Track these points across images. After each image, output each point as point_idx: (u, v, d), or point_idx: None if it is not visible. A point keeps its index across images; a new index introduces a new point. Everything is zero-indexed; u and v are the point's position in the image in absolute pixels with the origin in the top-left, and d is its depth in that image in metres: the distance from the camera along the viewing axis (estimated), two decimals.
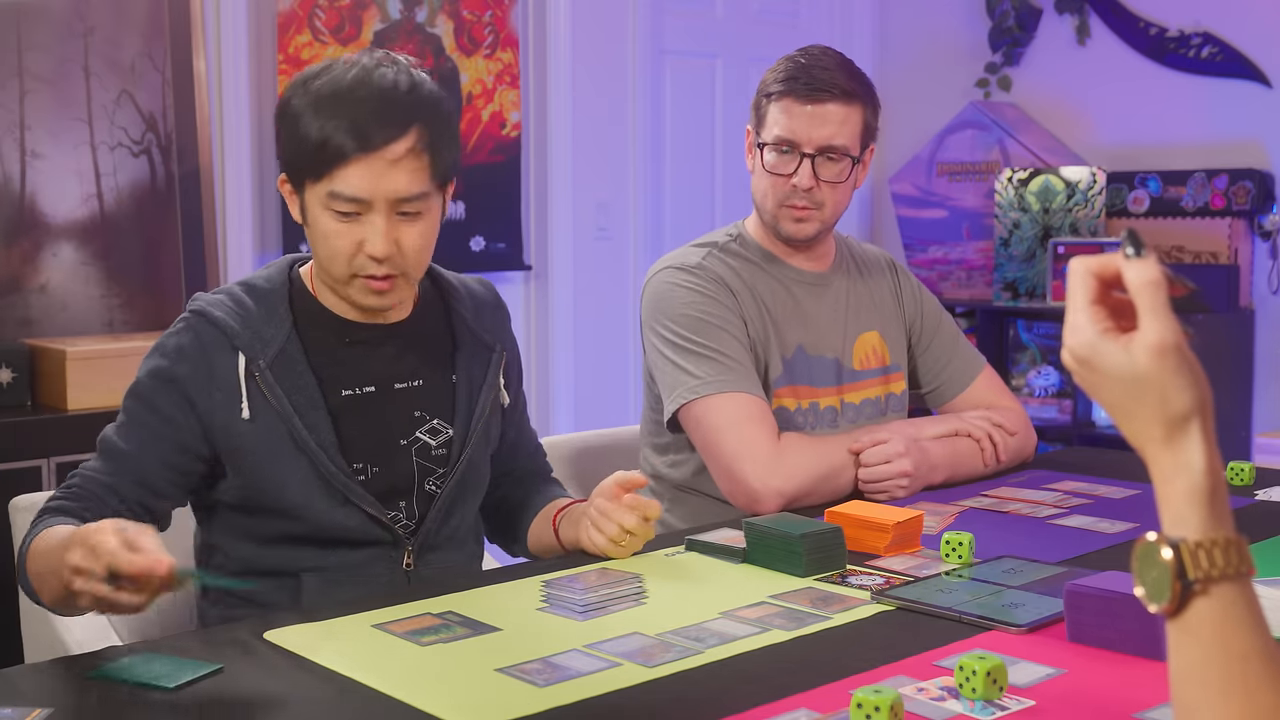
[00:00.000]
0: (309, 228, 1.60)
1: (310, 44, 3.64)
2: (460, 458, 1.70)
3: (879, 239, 5.04)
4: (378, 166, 1.53)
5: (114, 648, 1.40)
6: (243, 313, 1.62)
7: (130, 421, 1.62)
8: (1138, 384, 0.87)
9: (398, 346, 1.69)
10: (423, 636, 1.38)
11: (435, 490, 1.69)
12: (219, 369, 1.59)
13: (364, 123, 1.52)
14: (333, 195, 1.54)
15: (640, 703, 1.21)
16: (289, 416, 1.59)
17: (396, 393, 1.68)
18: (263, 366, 1.59)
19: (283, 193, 1.64)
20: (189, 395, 1.59)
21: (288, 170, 1.60)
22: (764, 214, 2.14)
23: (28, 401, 3.02)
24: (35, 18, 3.20)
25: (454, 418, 1.71)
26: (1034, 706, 1.18)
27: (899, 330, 2.26)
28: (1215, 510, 0.85)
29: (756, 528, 1.65)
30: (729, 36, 4.68)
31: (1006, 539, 1.77)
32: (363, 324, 1.67)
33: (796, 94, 2.06)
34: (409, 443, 1.68)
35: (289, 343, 1.62)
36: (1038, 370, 4.42)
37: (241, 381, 1.59)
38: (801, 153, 2.06)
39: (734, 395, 1.99)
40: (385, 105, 1.53)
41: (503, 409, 1.80)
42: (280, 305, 1.64)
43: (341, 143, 1.52)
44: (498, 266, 4.08)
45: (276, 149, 1.64)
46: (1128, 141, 4.42)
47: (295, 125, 1.55)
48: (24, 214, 3.20)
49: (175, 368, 1.60)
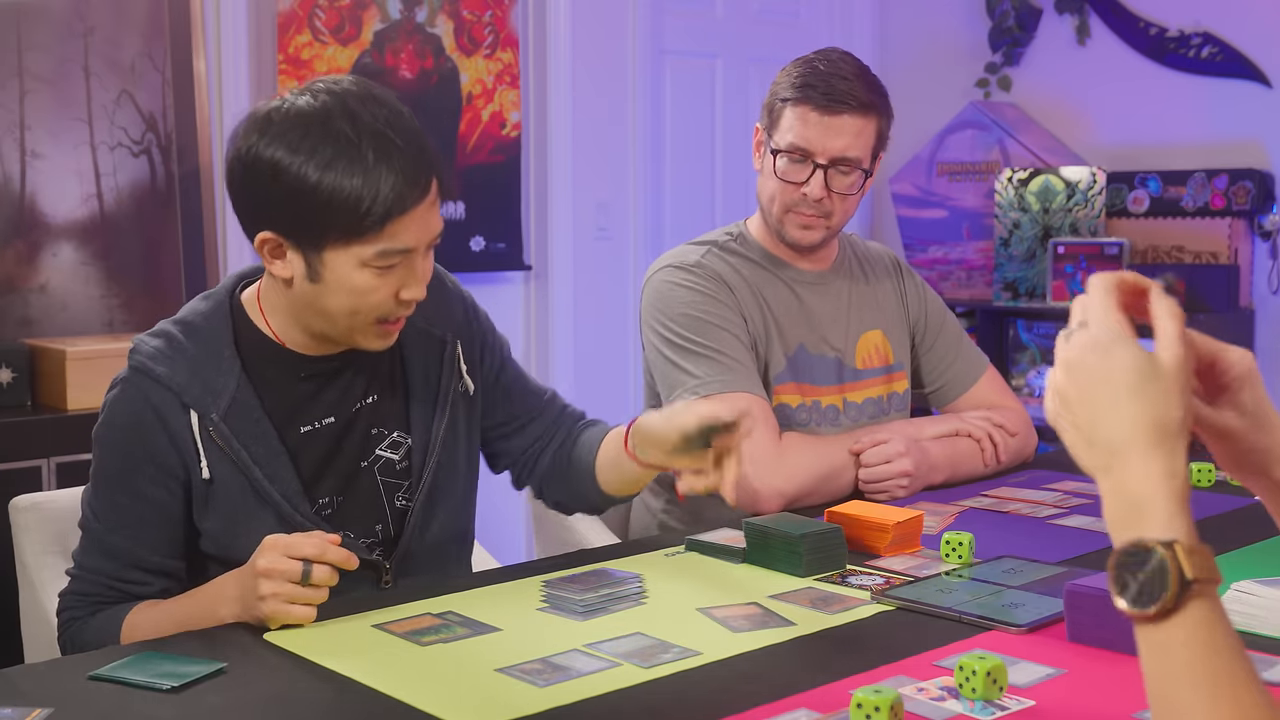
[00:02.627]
0: (323, 286, 1.49)
1: (310, 44, 3.64)
2: (426, 464, 1.65)
3: (879, 239, 5.04)
4: (420, 214, 1.47)
5: (114, 648, 1.40)
6: (186, 363, 1.54)
7: (111, 509, 1.56)
8: (1150, 383, 0.90)
9: (353, 369, 1.63)
10: (423, 636, 1.38)
11: (406, 504, 1.65)
12: (174, 429, 1.53)
13: (408, 174, 1.44)
14: (383, 254, 1.46)
15: (640, 703, 1.21)
16: (248, 468, 1.54)
17: (356, 414, 1.62)
18: (216, 420, 1.53)
19: (263, 252, 1.51)
20: (158, 462, 1.54)
21: (287, 232, 1.48)
22: (769, 217, 2.13)
23: (28, 401, 3.02)
24: (35, 18, 3.20)
25: (410, 425, 1.65)
26: (1034, 706, 1.18)
27: (902, 329, 2.26)
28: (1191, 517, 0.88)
29: (756, 528, 1.65)
30: (729, 36, 4.68)
31: (1006, 539, 1.77)
32: (318, 357, 1.60)
33: (814, 103, 2.03)
34: (370, 463, 1.63)
35: (240, 390, 1.54)
36: (1038, 370, 4.42)
37: (197, 440, 1.53)
38: (815, 162, 2.05)
39: (735, 395, 1.99)
40: (409, 154, 1.46)
41: (469, 394, 1.71)
42: (225, 349, 1.56)
43: (399, 196, 1.44)
44: (498, 266, 4.08)
45: (249, 204, 1.49)
46: (1128, 141, 4.42)
47: (308, 186, 1.43)
48: (24, 214, 3.20)
49: (134, 438, 1.54)
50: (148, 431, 1.54)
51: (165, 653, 1.32)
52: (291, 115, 1.45)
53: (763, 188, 2.13)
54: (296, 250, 1.49)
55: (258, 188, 1.47)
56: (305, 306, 1.54)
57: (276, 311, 1.59)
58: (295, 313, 1.56)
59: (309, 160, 1.43)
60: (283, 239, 1.49)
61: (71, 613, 1.57)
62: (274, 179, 1.45)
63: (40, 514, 1.76)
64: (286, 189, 1.44)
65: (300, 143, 1.44)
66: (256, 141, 1.46)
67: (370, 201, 1.43)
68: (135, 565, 1.56)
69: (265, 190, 1.46)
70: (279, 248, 1.50)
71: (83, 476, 1.61)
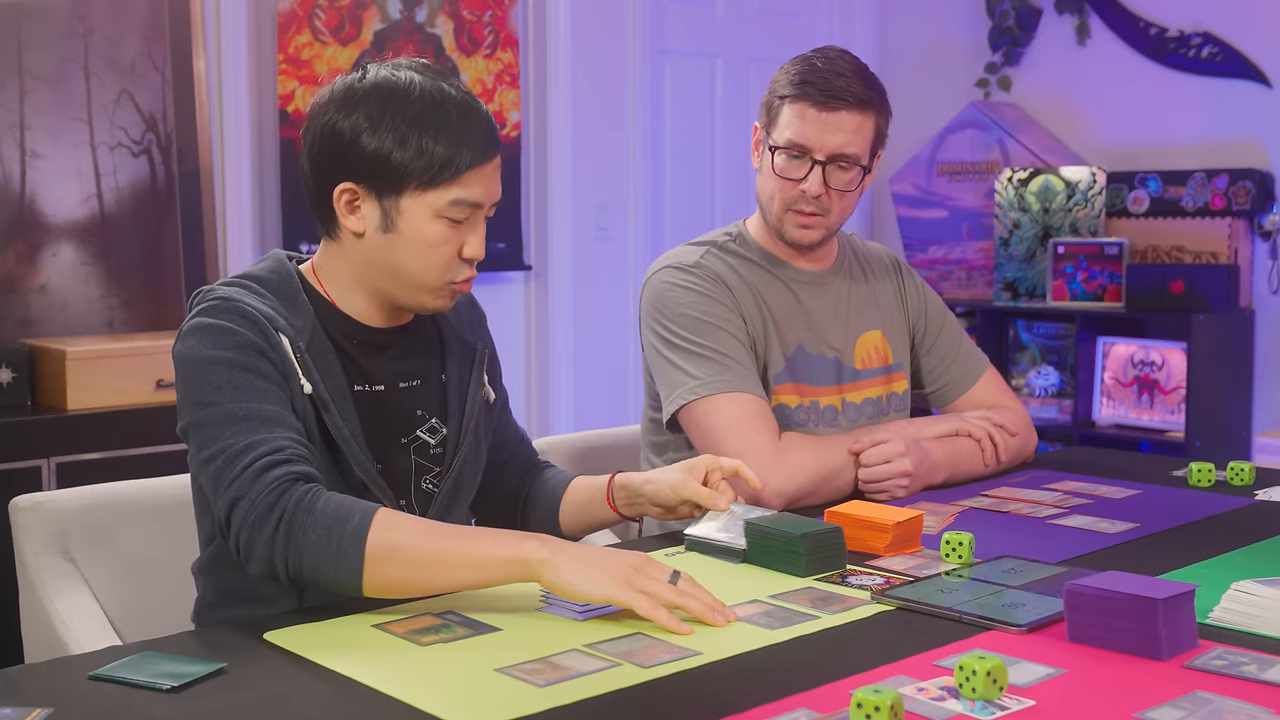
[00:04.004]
0: (397, 235, 1.58)
1: (310, 44, 3.64)
2: (456, 456, 1.71)
3: (879, 239, 5.05)
4: (490, 173, 1.61)
5: (114, 648, 1.40)
6: (266, 301, 1.60)
7: (247, 386, 1.51)
8: None
9: (400, 348, 1.70)
10: (423, 636, 1.38)
11: (432, 489, 1.70)
12: (274, 344, 1.56)
13: (485, 133, 1.59)
14: (457, 202, 1.58)
15: (640, 703, 1.21)
16: (327, 402, 1.58)
17: (401, 391, 1.69)
18: (302, 349, 1.58)
19: (340, 204, 1.59)
20: (270, 359, 1.55)
21: (368, 181, 1.57)
22: (769, 215, 2.13)
23: (28, 401, 3.02)
24: (35, 18, 3.20)
25: (447, 417, 1.72)
26: (1034, 706, 1.18)
27: (902, 330, 2.26)
28: None
29: (756, 527, 1.65)
30: (729, 36, 4.68)
31: (1006, 539, 1.77)
32: (372, 327, 1.67)
33: (812, 99, 2.04)
34: (409, 441, 1.69)
35: (316, 331, 1.61)
36: (1038, 370, 4.42)
37: (292, 357, 1.57)
38: (813, 159, 2.05)
39: (734, 395, 1.99)
40: (488, 120, 1.61)
41: (489, 405, 1.80)
42: (298, 296, 1.63)
43: (474, 151, 1.58)
44: (498, 266, 4.08)
45: (328, 163, 1.59)
46: (1128, 141, 4.42)
47: (395, 139, 1.55)
48: (24, 214, 3.20)
49: (244, 336, 1.54)
50: (254, 334, 1.54)
51: (165, 653, 1.32)
52: (376, 85, 1.58)
53: (762, 186, 2.13)
54: (374, 200, 1.59)
55: (340, 147, 1.58)
56: (374, 264, 1.62)
57: (334, 279, 1.66)
58: (359, 274, 1.64)
59: (397, 117, 1.56)
60: (362, 189, 1.58)
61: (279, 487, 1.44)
62: (357, 137, 1.57)
63: (40, 514, 1.76)
64: (371, 144, 1.56)
65: (385, 103, 1.57)
66: (338, 110, 1.58)
67: (454, 151, 1.56)
68: (298, 432, 1.52)
69: (349, 148, 1.57)
70: (355, 200, 1.59)
71: (83, 477, 1.61)
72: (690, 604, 1.40)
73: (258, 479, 1.45)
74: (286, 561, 1.43)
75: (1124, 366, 4.20)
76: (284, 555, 1.43)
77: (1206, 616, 1.40)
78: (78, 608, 1.70)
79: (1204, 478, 2.11)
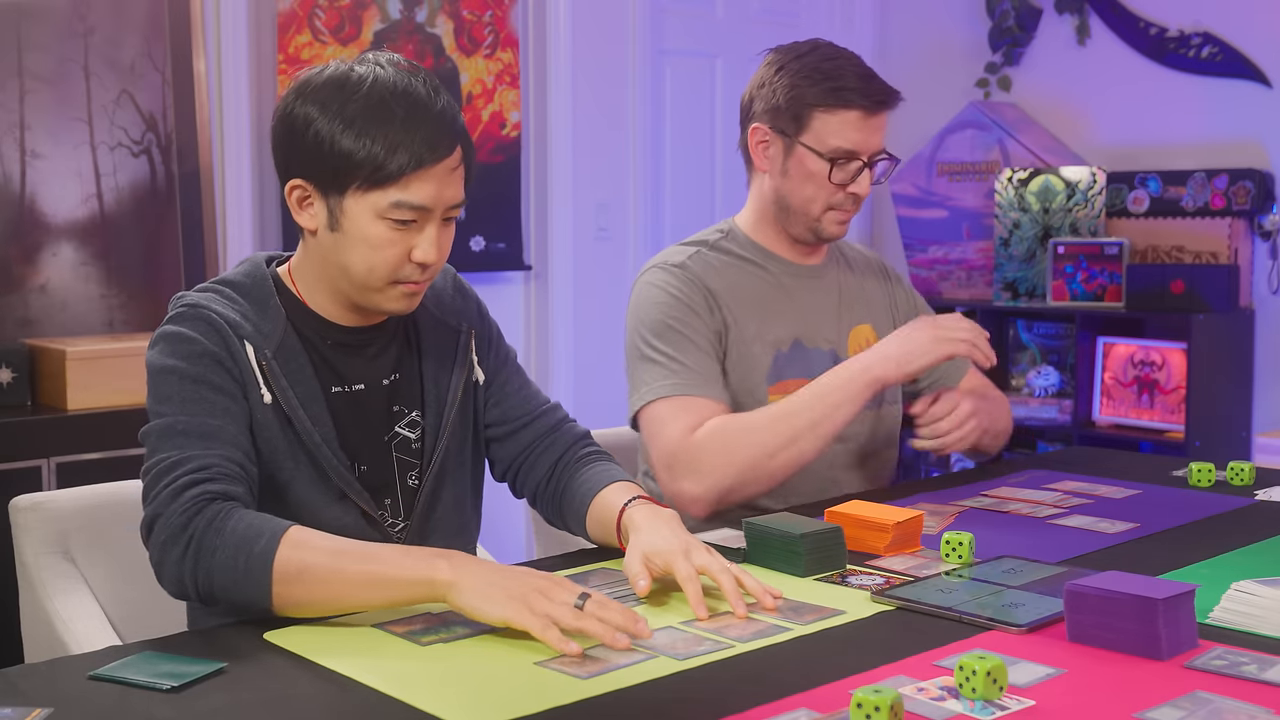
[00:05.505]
0: (342, 235, 1.57)
1: (310, 44, 3.64)
2: (436, 447, 1.69)
3: (879, 239, 5.05)
4: (440, 175, 1.55)
5: (114, 648, 1.40)
6: (236, 308, 1.60)
7: (194, 399, 1.52)
8: None
9: (378, 345, 1.69)
10: (423, 636, 1.38)
11: (416, 484, 1.69)
12: (235, 352, 1.57)
13: (433, 134, 1.54)
14: (397, 205, 1.54)
15: (640, 703, 1.21)
16: (295, 409, 1.58)
17: (383, 389, 1.68)
18: (269, 356, 1.58)
19: (291, 200, 1.59)
20: (227, 369, 1.55)
21: (315, 179, 1.57)
22: (803, 218, 2.13)
23: (28, 401, 3.02)
24: (35, 18, 3.20)
25: (424, 407, 1.70)
26: (1034, 706, 1.18)
27: (890, 328, 2.27)
28: None
29: (756, 528, 1.65)
30: (729, 36, 4.68)
31: (1006, 539, 1.77)
32: (348, 327, 1.66)
33: (862, 107, 2.07)
34: (389, 438, 1.68)
35: (287, 335, 1.61)
36: (1038, 370, 4.42)
37: (254, 367, 1.57)
38: (862, 162, 2.09)
39: (667, 401, 2.00)
40: (441, 118, 1.56)
41: (479, 385, 1.77)
42: (270, 300, 1.62)
43: (416, 153, 1.53)
44: (498, 266, 4.08)
45: (282, 156, 1.60)
46: (1128, 141, 4.42)
47: (337, 135, 1.53)
48: (24, 214, 3.20)
49: (202, 346, 1.55)
50: (215, 342, 1.56)
51: (165, 653, 1.32)
52: (330, 77, 1.57)
53: (794, 191, 2.12)
54: (321, 198, 1.57)
55: (292, 138, 1.57)
56: (328, 261, 1.61)
57: (307, 280, 1.65)
58: (320, 273, 1.63)
59: (340, 113, 1.53)
60: (310, 187, 1.57)
61: (193, 507, 1.44)
62: (306, 129, 1.55)
63: (40, 514, 1.76)
64: (317, 138, 1.54)
65: (333, 97, 1.54)
66: (295, 99, 1.57)
67: (391, 152, 1.52)
68: (236, 447, 1.52)
69: (299, 140, 1.56)
70: (306, 196, 1.59)
71: (83, 477, 1.61)
72: (590, 627, 1.33)
73: (176, 498, 1.45)
74: (196, 581, 1.44)
75: (1124, 366, 4.20)
76: (193, 575, 1.44)
77: (1206, 616, 1.40)
78: (78, 608, 1.70)
79: (1204, 478, 2.11)
